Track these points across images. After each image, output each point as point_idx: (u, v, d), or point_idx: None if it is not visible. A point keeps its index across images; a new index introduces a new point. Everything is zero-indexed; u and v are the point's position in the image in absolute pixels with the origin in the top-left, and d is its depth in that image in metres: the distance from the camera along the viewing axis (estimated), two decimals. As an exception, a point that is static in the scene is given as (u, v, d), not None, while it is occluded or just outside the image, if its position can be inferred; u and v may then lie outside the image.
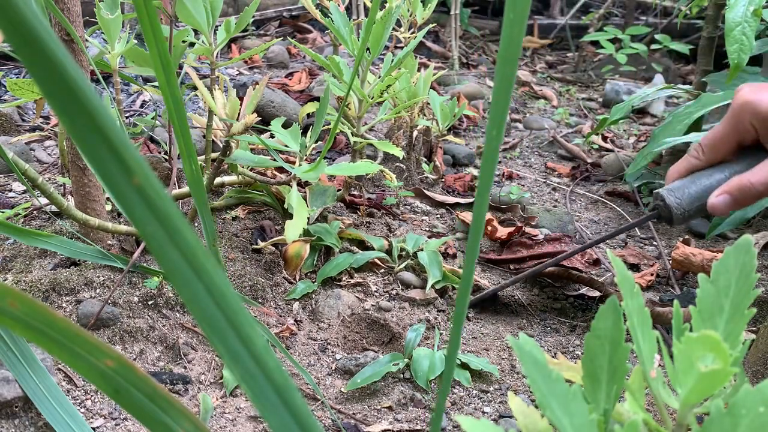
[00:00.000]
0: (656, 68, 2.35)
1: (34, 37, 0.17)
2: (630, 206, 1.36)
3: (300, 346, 0.82)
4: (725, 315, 0.36)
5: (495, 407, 0.75)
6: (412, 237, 1.01)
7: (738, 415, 0.30)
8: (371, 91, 1.00)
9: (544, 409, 0.33)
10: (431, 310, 0.91)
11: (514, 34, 0.22)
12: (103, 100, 0.22)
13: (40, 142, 1.32)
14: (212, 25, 0.86)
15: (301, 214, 0.84)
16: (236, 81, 1.68)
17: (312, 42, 2.40)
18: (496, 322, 0.92)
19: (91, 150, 0.19)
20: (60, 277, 0.79)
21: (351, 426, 0.70)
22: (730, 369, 0.31)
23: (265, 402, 0.24)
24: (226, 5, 2.58)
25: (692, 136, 1.06)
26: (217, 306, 0.22)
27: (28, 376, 0.58)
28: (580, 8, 3.05)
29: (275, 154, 0.91)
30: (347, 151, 1.45)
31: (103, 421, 0.66)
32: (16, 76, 1.68)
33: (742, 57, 1.06)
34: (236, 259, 0.91)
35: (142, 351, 0.75)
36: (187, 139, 0.28)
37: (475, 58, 2.55)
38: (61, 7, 0.75)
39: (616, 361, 0.35)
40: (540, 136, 1.76)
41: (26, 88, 0.86)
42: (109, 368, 0.24)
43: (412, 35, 1.38)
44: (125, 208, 0.20)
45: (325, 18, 1.02)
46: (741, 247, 0.38)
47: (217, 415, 0.69)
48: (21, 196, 1.08)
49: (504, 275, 1.04)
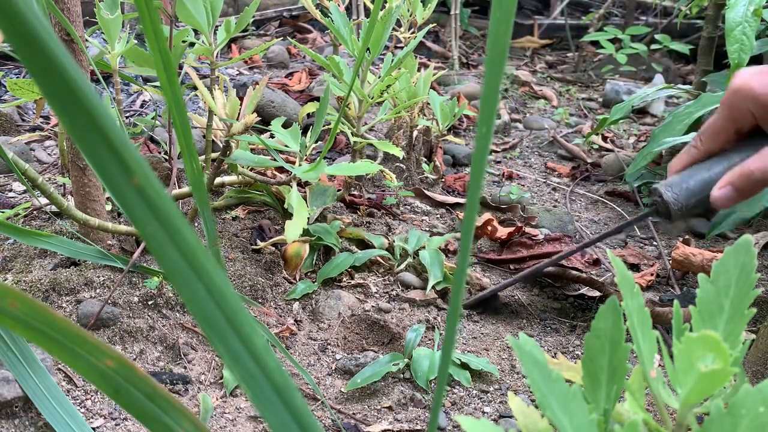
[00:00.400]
0: (656, 68, 2.35)
1: (34, 37, 0.17)
2: (630, 206, 1.36)
3: (300, 346, 0.82)
4: (725, 315, 0.36)
5: (495, 407, 0.75)
6: (414, 234, 1.01)
7: (738, 415, 0.30)
8: (371, 91, 1.00)
9: (544, 409, 0.33)
10: (431, 310, 0.91)
11: (500, 32, 0.22)
12: (103, 100, 0.22)
13: (40, 142, 1.32)
14: (212, 25, 0.86)
15: (301, 214, 0.84)
16: (236, 81, 1.68)
17: (312, 42, 2.40)
18: (496, 322, 0.92)
19: (91, 150, 0.19)
20: (60, 277, 0.79)
21: (351, 426, 0.70)
22: (730, 369, 0.31)
23: (265, 402, 0.24)
24: (226, 5, 2.58)
25: (692, 136, 1.06)
26: (217, 306, 0.22)
27: (28, 376, 0.58)
28: (581, 8, 3.05)
29: (275, 154, 0.91)
30: (347, 151, 1.45)
31: (103, 421, 0.66)
32: (16, 76, 1.68)
33: (742, 57, 1.06)
34: (236, 259, 0.91)
35: (142, 351, 0.75)
36: (189, 138, 0.28)
37: (475, 58, 2.55)
38: (61, 7, 0.75)
39: (616, 361, 0.35)
40: (540, 136, 1.76)
41: (26, 88, 0.86)
42: (109, 368, 0.24)
43: (412, 35, 1.38)
44: (125, 208, 0.20)
45: (325, 18, 1.02)
46: (741, 247, 0.38)
47: (217, 415, 0.70)
48: (21, 196, 1.08)
49: (504, 275, 1.04)
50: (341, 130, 1.01)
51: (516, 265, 1.05)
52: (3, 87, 1.57)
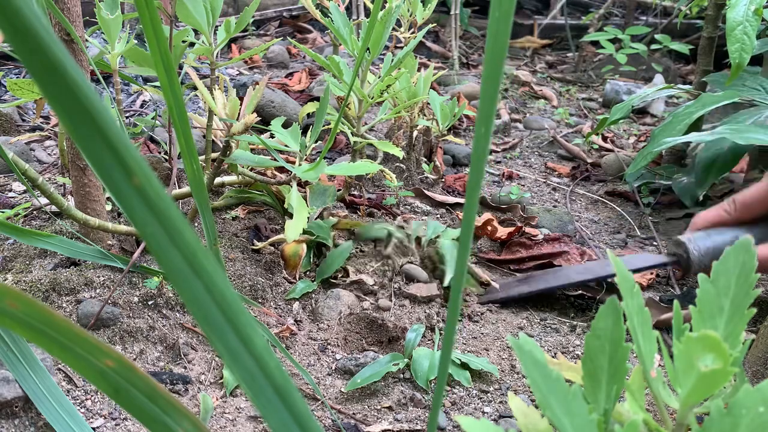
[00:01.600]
0: (656, 68, 2.35)
1: (34, 37, 0.17)
2: (630, 206, 1.36)
3: (300, 346, 0.82)
4: (725, 315, 0.36)
5: (495, 407, 0.75)
6: (432, 224, 1.00)
7: (738, 415, 0.30)
8: (371, 91, 1.00)
9: (545, 409, 0.33)
10: (432, 306, 0.91)
11: (500, 31, 0.23)
12: (103, 100, 0.22)
13: (40, 142, 1.32)
14: (212, 25, 0.86)
15: (301, 214, 0.84)
16: (236, 81, 1.68)
17: (312, 42, 2.40)
18: (496, 322, 0.91)
19: (91, 150, 0.19)
20: (60, 277, 0.79)
21: (351, 426, 0.70)
22: (730, 369, 0.31)
23: (265, 402, 0.24)
24: (226, 5, 2.58)
25: (692, 136, 1.06)
26: (217, 306, 0.22)
27: (28, 376, 0.58)
28: (581, 8, 3.05)
29: (276, 154, 0.91)
30: (347, 151, 1.45)
31: (103, 421, 0.66)
32: (16, 76, 1.68)
33: (743, 57, 1.06)
34: (236, 259, 0.91)
35: (142, 351, 0.75)
36: (189, 138, 0.28)
37: (475, 58, 2.55)
38: (61, 7, 0.75)
39: (617, 361, 0.35)
40: (540, 136, 1.76)
41: (26, 88, 0.86)
42: (109, 368, 0.24)
43: (412, 35, 1.38)
44: (125, 209, 0.20)
45: (325, 18, 1.02)
46: (741, 247, 0.38)
47: (217, 415, 0.70)
48: (21, 196, 1.08)
49: (504, 275, 1.04)
50: (341, 130, 1.01)
51: (515, 266, 1.05)
52: (3, 87, 1.57)
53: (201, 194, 0.31)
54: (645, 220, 1.27)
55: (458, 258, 0.26)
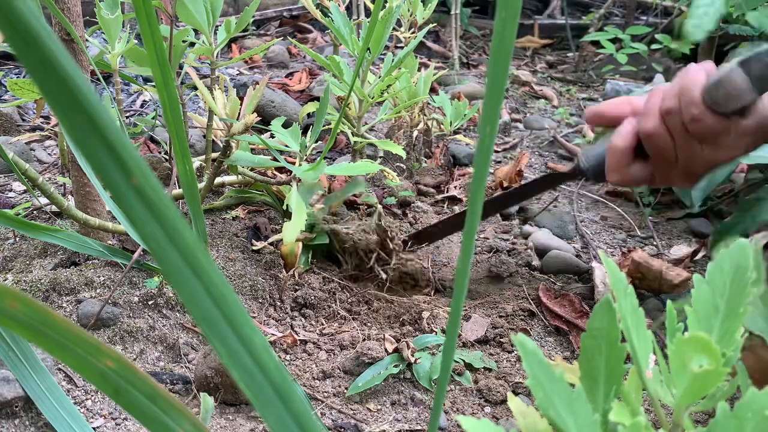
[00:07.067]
0: (656, 68, 2.34)
1: (34, 37, 0.17)
2: (630, 206, 1.36)
3: (300, 345, 0.82)
4: (720, 315, 0.36)
5: (495, 407, 0.75)
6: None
7: (743, 418, 0.30)
8: (371, 91, 1.00)
9: (547, 409, 0.33)
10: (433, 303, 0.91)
11: (506, 31, 0.23)
12: (103, 100, 0.22)
13: (40, 142, 1.32)
14: (212, 24, 0.86)
15: (300, 214, 0.84)
16: (236, 81, 1.68)
17: (312, 42, 2.40)
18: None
19: (89, 150, 0.19)
20: (60, 277, 0.79)
21: (351, 426, 0.70)
22: (723, 369, 0.31)
23: (265, 402, 0.24)
24: (226, 5, 2.58)
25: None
26: (217, 306, 0.22)
27: (28, 375, 0.58)
28: (581, 8, 3.05)
29: (276, 153, 0.91)
30: (348, 151, 1.45)
31: (103, 421, 0.66)
32: (16, 76, 1.68)
33: (698, 34, 1.06)
34: (236, 259, 0.91)
35: (142, 351, 0.75)
36: (182, 137, 0.28)
37: (476, 58, 2.55)
38: (61, 7, 0.75)
39: (613, 361, 0.35)
40: (540, 136, 1.76)
41: (26, 88, 0.86)
42: (109, 368, 0.24)
43: (413, 35, 1.38)
44: (124, 208, 0.20)
45: (325, 18, 1.02)
46: (736, 248, 0.38)
47: (217, 415, 0.70)
48: (21, 196, 1.08)
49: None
50: (341, 129, 1.01)
51: None
52: (3, 87, 1.57)
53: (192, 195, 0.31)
54: (645, 220, 1.27)
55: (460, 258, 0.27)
